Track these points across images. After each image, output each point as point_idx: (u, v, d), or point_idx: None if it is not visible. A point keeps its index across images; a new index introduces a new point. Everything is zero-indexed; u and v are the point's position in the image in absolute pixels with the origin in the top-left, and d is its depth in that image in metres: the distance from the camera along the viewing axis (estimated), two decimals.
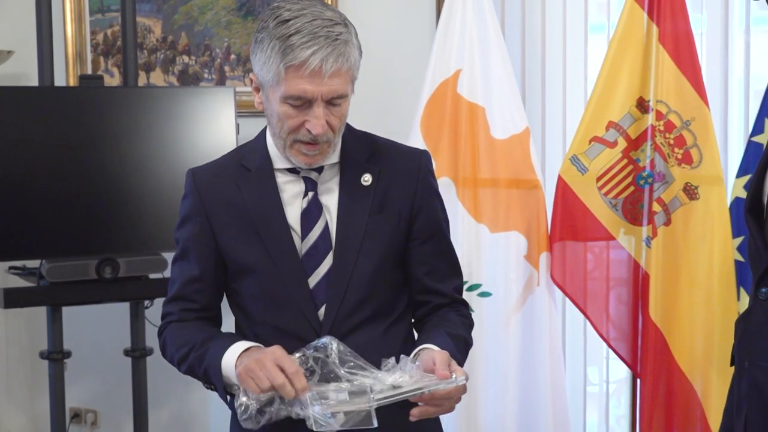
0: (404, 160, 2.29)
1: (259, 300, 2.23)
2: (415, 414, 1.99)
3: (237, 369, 2.03)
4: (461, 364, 2.16)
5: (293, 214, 2.20)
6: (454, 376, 1.98)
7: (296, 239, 2.19)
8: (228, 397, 2.13)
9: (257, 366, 1.97)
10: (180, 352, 2.21)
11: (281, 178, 2.22)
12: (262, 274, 2.20)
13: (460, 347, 2.20)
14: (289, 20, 2.03)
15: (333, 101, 2.08)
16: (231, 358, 2.07)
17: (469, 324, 2.34)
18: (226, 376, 2.09)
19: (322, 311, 2.19)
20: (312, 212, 2.20)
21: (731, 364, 2.13)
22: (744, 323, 2.06)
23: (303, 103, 2.07)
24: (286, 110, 2.09)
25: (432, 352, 2.07)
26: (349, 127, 2.25)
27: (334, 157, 2.22)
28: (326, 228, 2.20)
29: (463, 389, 2.02)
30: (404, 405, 1.99)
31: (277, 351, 2.00)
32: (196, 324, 2.27)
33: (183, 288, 2.28)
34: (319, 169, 2.21)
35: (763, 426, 1.94)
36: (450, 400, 2.01)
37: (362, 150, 2.26)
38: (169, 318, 2.30)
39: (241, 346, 2.09)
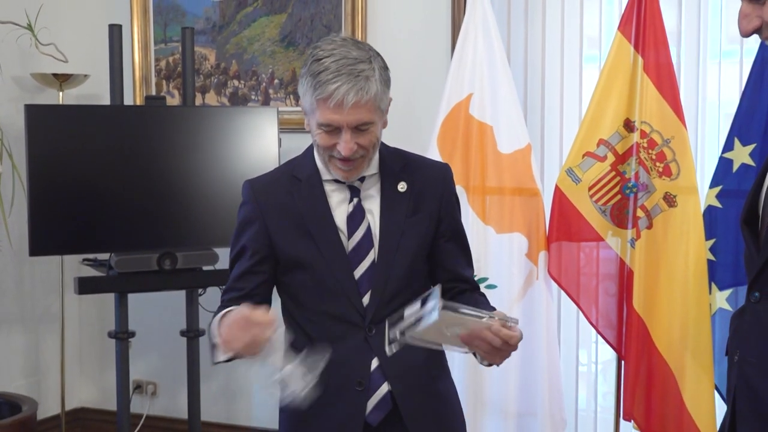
0: (432, 172, 2.31)
1: (310, 289, 2.21)
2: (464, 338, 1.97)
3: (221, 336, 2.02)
4: None
5: (340, 217, 2.21)
6: (508, 316, 1.99)
7: (343, 238, 2.20)
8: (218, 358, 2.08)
9: (230, 333, 1.98)
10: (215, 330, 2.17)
11: (328, 187, 2.23)
12: (314, 267, 2.19)
13: None
14: (321, 59, 2.05)
15: (360, 128, 2.08)
16: (215, 323, 2.10)
17: (488, 300, 2.36)
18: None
19: (365, 298, 2.18)
20: (357, 215, 2.21)
21: (725, 354, 2.11)
22: (737, 320, 2.03)
23: (332, 129, 2.08)
24: (320, 134, 2.11)
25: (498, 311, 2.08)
26: (383, 144, 2.26)
27: (373, 168, 2.23)
28: (369, 228, 2.20)
29: (516, 337, 1.98)
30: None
31: (240, 313, 1.96)
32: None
33: (234, 281, 2.26)
34: (361, 179, 2.22)
35: (751, 416, 1.91)
36: (501, 342, 1.97)
37: (396, 162, 2.27)
38: (217, 309, 2.24)
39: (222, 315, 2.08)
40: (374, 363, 2.17)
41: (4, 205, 4.18)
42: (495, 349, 1.98)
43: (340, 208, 2.22)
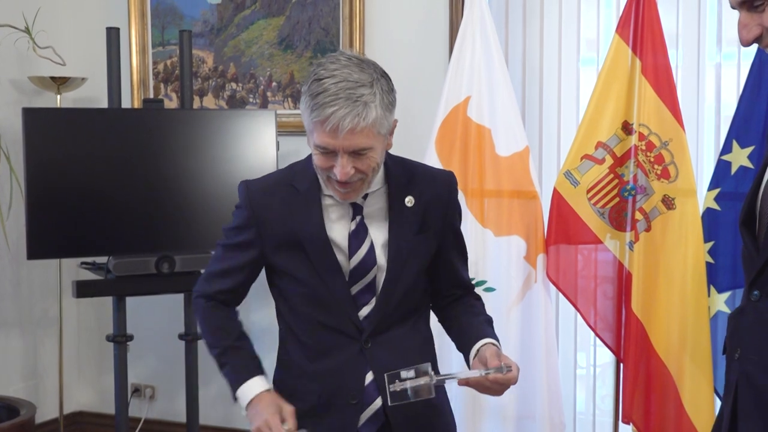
0: (437, 183, 2.26)
1: (304, 298, 2.19)
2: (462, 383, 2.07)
3: (247, 411, 2.14)
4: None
5: (341, 234, 2.15)
6: (503, 364, 2.05)
7: (340, 255, 2.15)
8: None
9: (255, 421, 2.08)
10: (210, 339, 2.25)
11: (328, 201, 2.17)
12: (308, 282, 2.16)
13: (493, 331, 2.25)
14: (321, 79, 1.97)
15: (357, 152, 2.01)
16: (245, 394, 2.15)
17: (483, 303, 2.38)
18: (238, 398, 2.17)
19: (362, 312, 2.17)
20: (360, 233, 2.15)
21: (723, 353, 2.11)
22: (736, 320, 2.03)
23: (329, 152, 2.02)
24: (317, 155, 2.05)
25: (491, 347, 2.14)
26: (387, 154, 2.19)
27: (377, 183, 2.17)
28: (372, 246, 2.15)
29: (513, 379, 2.05)
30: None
31: (270, 417, 2.06)
32: (224, 313, 2.27)
33: (223, 271, 2.25)
34: (364, 195, 2.16)
35: (754, 413, 1.92)
36: (500, 385, 2.06)
37: (403, 174, 2.21)
38: (204, 291, 2.27)
39: (254, 388, 2.15)
40: (369, 377, 2.15)
41: (1, 208, 4.18)
42: (494, 390, 2.07)
43: (340, 224, 2.17)
